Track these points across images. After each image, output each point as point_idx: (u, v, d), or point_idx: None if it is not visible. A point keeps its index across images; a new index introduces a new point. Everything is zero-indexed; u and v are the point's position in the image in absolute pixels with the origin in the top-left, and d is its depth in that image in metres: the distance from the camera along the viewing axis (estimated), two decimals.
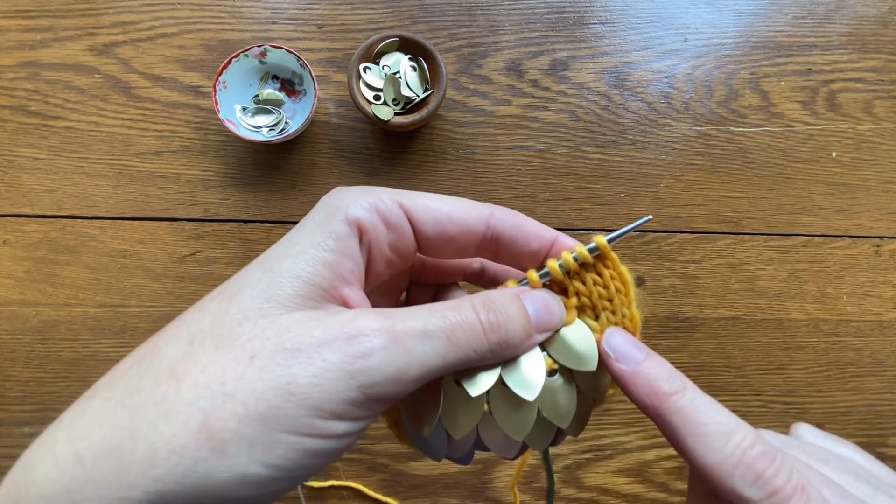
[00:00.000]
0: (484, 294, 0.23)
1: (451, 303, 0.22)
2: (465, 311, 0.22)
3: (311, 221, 0.23)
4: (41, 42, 0.59)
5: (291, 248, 0.22)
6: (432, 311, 0.21)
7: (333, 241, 0.22)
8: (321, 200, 0.24)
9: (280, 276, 0.21)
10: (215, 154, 0.59)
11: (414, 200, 0.24)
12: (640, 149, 0.60)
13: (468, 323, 0.21)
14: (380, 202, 0.23)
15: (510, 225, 0.25)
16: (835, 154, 0.61)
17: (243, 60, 0.56)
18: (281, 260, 0.22)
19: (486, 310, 0.22)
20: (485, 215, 0.25)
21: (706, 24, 0.61)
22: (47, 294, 0.58)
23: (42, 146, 0.59)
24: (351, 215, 0.23)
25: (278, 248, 0.23)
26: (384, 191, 0.24)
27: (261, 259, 0.23)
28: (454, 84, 0.60)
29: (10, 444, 0.57)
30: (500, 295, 0.23)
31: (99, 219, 0.58)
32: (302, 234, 0.23)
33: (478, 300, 0.22)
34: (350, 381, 0.19)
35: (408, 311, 0.21)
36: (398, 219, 0.24)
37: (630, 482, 0.59)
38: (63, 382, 0.57)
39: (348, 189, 0.24)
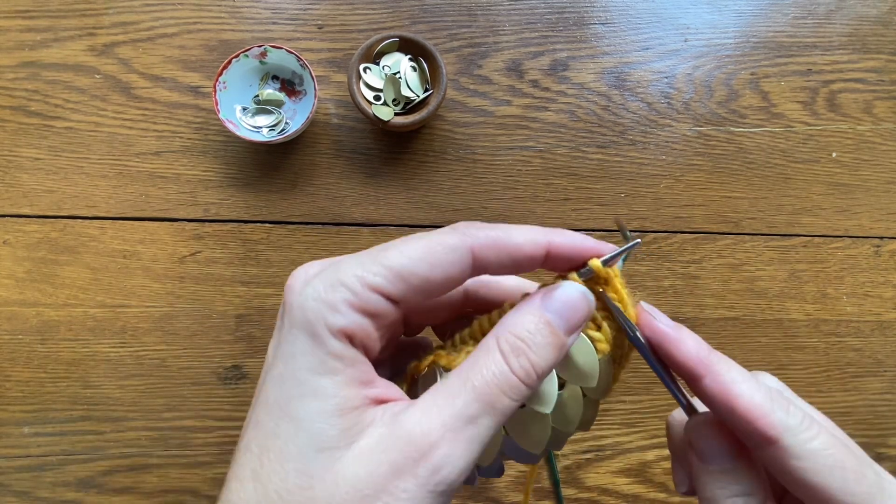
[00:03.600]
0: (504, 330, 0.21)
1: (480, 359, 0.21)
2: (497, 366, 0.21)
3: (296, 348, 0.21)
4: (41, 42, 0.59)
5: (300, 387, 0.20)
6: (467, 384, 0.20)
7: (337, 361, 0.20)
8: (287, 309, 0.22)
9: (315, 421, 0.20)
10: (215, 154, 0.59)
11: (380, 272, 0.21)
12: (640, 149, 0.60)
13: (506, 382, 0.20)
14: (351, 297, 0.20)
15: (493, 250, 0.22)
16: (835, 154, 0.61)
17: (243, 61, 0.56)
18: (301, 402, 0.20)
19: (517, 354, 0.21)
20: (464, 251, 0.22)
21: (706, 25, 0.61)
22: (47, 294, 0.58)
23: (42, 146, 0.59)
24: (334, 327, 0.20)
25: (284, 389, 0.21)
26: (346, 273, 0.21)
27: (274, 407, 0.21)
28: (454, 84, 0.60)
29: (10, 444, 0.57)
30: (521, 323, 0.22)
31: (99, 219, 0.58)
32: (300, 366, 0.20)
33: (504, 344, 0.21)
34: (433, 499, 0.19)
35: (445, 393, 0.20)
36: (377, 304, 0.21)
37: (630, 482, 0.59)
38: (63, 382, 0.57)
39: (306, 286, 0.21)
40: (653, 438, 0.59)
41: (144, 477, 0.57)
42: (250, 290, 0.58)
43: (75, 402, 0.57)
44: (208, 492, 0.57)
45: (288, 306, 0.22)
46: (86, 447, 0.57)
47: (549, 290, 0.23)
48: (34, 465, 0.57)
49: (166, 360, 0.58)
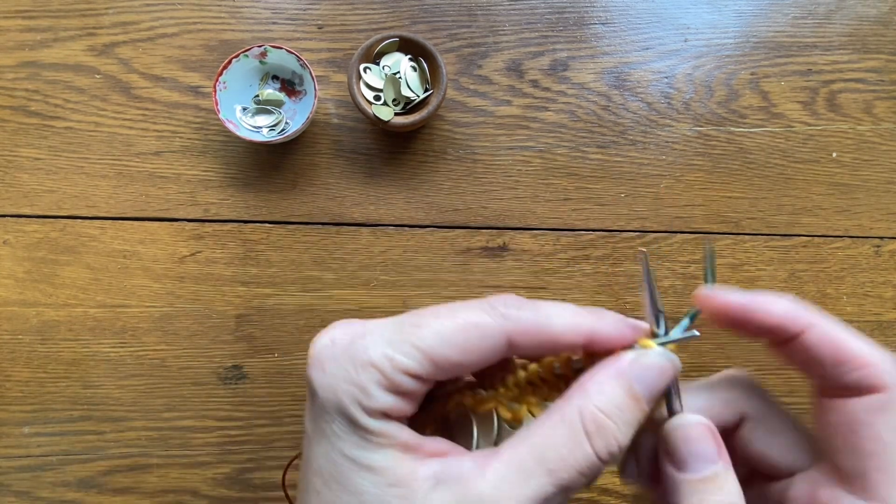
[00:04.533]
0: (589, 403, 0.20)
1: (558, 435, 0.19)
2: (580, 449, 0.19)
3: (336, 427, 0.20)
4: (41, 42, 0.59)
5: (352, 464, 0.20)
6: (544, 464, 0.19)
7: (381, 437, 0.20)
8: (316, 388, 0.21)
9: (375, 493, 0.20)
10: (215, 154, 0.59)
11: (410, 354, 0.20)
12: (640, 149, 0.60)
13: (587, 464, 0.19)
14: (382, 379, 0.20)
15: (530, 337, 0.21)
16: (835, 154, 0.61)
17: (243, 61, 0.56)
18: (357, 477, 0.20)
19: (602, 434, 0.19)
20: (500, 337, 0.21)
21: (706, 25, 0.61)
22: (47, 294, 0.58)
23: (42, 146, 0.59)
24: (370, 409, 0.20)
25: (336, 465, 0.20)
26: (376, 353, 0.20)
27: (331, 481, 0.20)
28: (454, 84, 0.60)
29: (10, 444, 0.57)
30: (607, 396, 0.20)
31: (99, 219, 0.58)
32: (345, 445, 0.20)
33: (590, 423, 0.19)
34: None
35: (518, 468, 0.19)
36: (408, 385, 0.20)
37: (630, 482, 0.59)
38: (63, 383, 0.57)
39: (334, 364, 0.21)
40: None
41: (144, 477, 0.57)
42: (250, 290, 0.58)
43: (75, 402, 0.57)
44: (208, 492, 0.57)
45: (317, 385, 0.21)
46: (86, 447, 0.57)
47: (636, 357, 0.21)
48: (34, 465, 0.57)
49: (166, 360, 0.58)
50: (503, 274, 0.59)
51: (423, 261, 0.59)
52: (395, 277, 0.58)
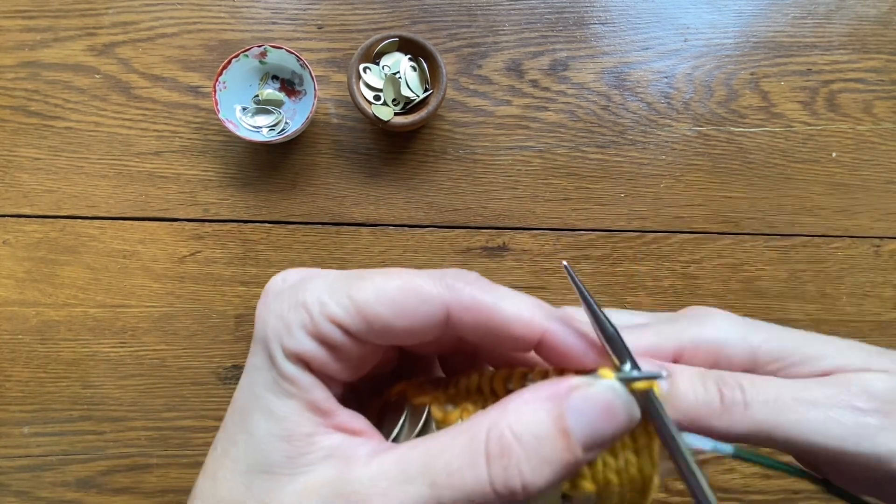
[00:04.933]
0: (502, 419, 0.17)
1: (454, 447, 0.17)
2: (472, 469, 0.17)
3: (257, 361, 0.20)
4: (41, 42, 0.59)
5: (256, 402, 0.19)
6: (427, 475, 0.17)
7: (290, 384, 0.19)
8: (256, 318, 0.21)
9: (263, 441, 0.19)
10: (215, 154, 0.59)
11: (343, 304, 0.19)
12: (640, 149, 0.60)
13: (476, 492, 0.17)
14: (308, 322, 0.19)
15: (473, 315, 0.19)
16: (835, 154, 0.61)
17: (243, 60, 0.56)
18: (256, 418, 0.19)
19: (504, 460, 0.17)
20: (438, 305, 0.19)
21: (706, 25, 0.61)
22: (47, 294, 0.58)
23: (42, 146, 0.59)
24: (288, 349, 0.19)
25: (245, 400, 0.20)
26: (311, 296, 0.19)
27: (237, 416, 0.20)
28: (454, 84, 0.60)
29: (10, 444, 0.57)
30: (525, 417, 0.17)
31: (99, 219, 0.58)
32: (258, 381, 0.20)
33: (493, 442, 0.17)
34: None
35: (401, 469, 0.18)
36: (333, 335, 0.19)
37: None
38: (63, 382, 0.57)
39: (275, 299, 0.20)
40: None
41: (144, 477, 0.57)
42: (250, 290, 0.58)
43: (75, 402, 0.57)
44: None
45: (257, 316, 0.21)
46: (85, 447, 0.57)
47: (581, 384, 0.18)
48: (34, 465, 0.57)
49: (166, 360, 0.58)
50: (503, 274, 0.58)
51: (423, 261, 0.59)
52: None
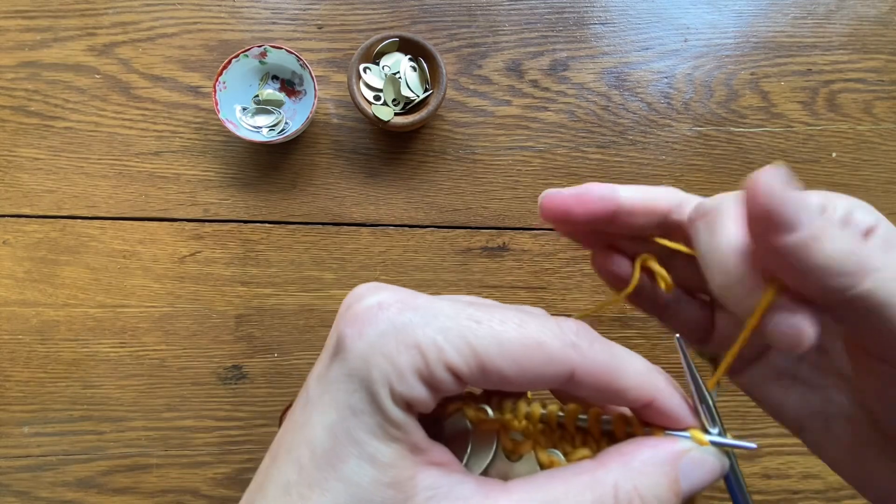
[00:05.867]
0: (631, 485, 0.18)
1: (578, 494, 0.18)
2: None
3: (354, 401, 0.18)
4: (41, 42, 0.59)
5: (356, 448, 0.18)
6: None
7: (397, 429, 0.18)
8: (345, 349, 0.18)
9: (368, 489, 0.18)
10: (215, 154, 0.59)
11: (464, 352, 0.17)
12: (640, 149, 0.60)
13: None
14: (424, 369, 0.17)
15: (595, 382, 0.19)
16: (835, 154, 0.61)
17: (243, 61, 0.56)
18: (357, 464, 0.18)
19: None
20: (565, 370, 0.18)
21: (706, 25, 0.61)
22: (47, 294, 0.58)
23: (42, 146, 0.59)
24: (398, 395, 0.17)
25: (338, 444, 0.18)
26: (426, 337, 0.18)
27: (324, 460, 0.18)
28: (454, 84, 0.60)
29: (10, 444, 0.57)
30: (652, 485, 0.18)
31: (99, 219, 0.58)
32: (358, 425, 0.18)
33: (623, 499, 0.17)
34: None
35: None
36: (447, 383, 0.18)
37: None
38: (63, 382, 0.57)
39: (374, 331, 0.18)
40: None
41: (144, 477, 0.57)
42: (250, 290, 0.58)
43: (75, 402, 0.57)
44: (208, 492, 0.57)
45: (349, 348, 0.18)
46: (86, 447, 0.57)
47: (691, 449, 0.19)
48: (34, 465, 0.57)
49: (166, 360, 0.58)
50: (503, 274, 0.59)
51: (423, 261, 0.59)
52: (395, 277, 0.58)
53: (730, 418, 0.59)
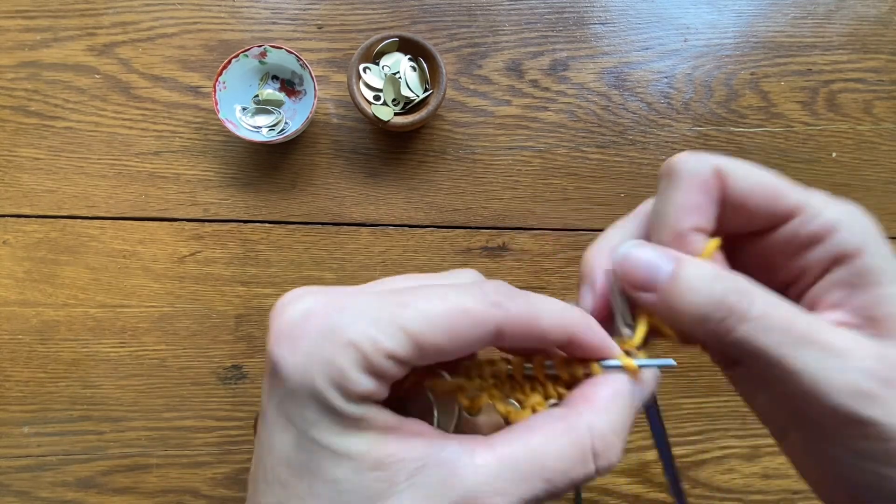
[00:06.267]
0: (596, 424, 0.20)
1: (566, 451, 0.19)
2: (584, 467, 0.19)
3: (308, 413, 0.18)
4: (41, 42, 0.59)
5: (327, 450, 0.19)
6: (542, 473, 0.19)
7: (359, 422, 0.18)
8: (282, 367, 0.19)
9: (354, 479, 0.18)
10: (215, 154, 0.59)
11: (396, 336, 0.18)
12: (640, 149, 0.60)
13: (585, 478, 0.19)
14: (364, 363, 0.18)
15: (519, 330, 0.20)
16: (835, 154, 0.61)
17: (243, 61, 0.56)
18: (333, 463, 0.19)
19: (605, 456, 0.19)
20: (490, 327, 0.19)
21: (706, 25, 0.61)
22: (47, 294, 0.58)
23: (42, 146, 0.59)
24: (351, 392, 0.18)
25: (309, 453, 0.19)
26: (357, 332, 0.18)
27: (302, 470, 0.19)
28: (454, 84, 0.60)
29: (10, 444, 0.57)
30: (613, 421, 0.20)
31: (99, 219, 0.58)
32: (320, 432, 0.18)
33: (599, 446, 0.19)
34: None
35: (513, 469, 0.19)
36: (390, 369, 0.19)
37: (630, 482, 0.59)
38: (63, 382, 0.57)
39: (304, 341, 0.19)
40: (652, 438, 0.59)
41: (144, 477, 0.57)
42: (250, 290, 0.58)
43: (75, 402, 0.57)
44: (208, 492, 0.57)
45: (284, 366, 0.18)
46: (86, 447, 0.57)
47: (639, 381, 0.21)
48: (34, 465, 0.57)
49: (166, 360, 0.58)
50: (503, 274, 0.58)
51: (423, 261, 0.59)
52: None
53: (730, 418, 0.59)
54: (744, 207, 0.22)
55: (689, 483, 0.58)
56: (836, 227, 0.21)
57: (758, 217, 0.22)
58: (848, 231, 0.21)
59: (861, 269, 0.21)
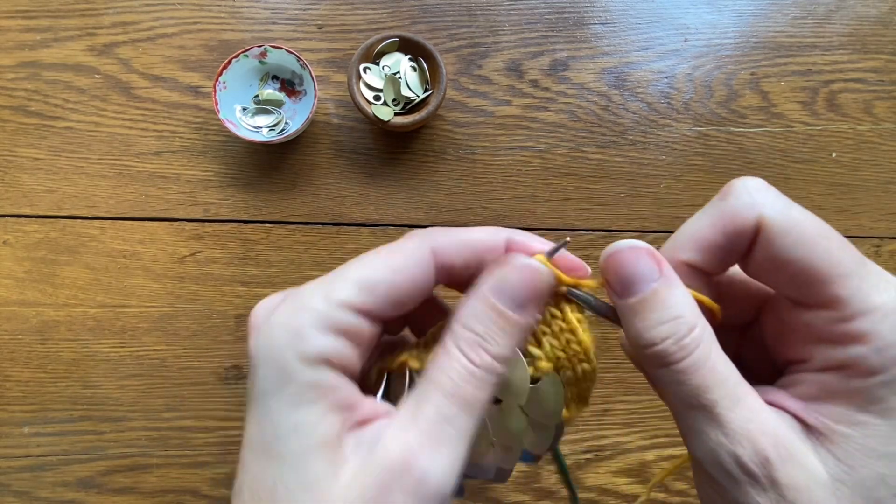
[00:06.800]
0: (457, 324, 0.21)
1: (440, 359, 0.21)
2: (458, 363, 0.20)
3: (268, 385, 0.20)
4: (41, 42, 0.59)
5: (279, 427, 0.19)
6: (435, 388, 0.20)
7: (313, 391, 0.19)
8: (252, 345, 0.20)
9: (300, 459, 0.19)
10: (215, 154, 0.59)
11: (345, 287, 0.20)
12: (640, 149, 0.60)
13: (470, 376, 0.20)
14: (319, 317, 0.20)
15: (454, 247, 0.22)
16: (835, 154, 0.61)
17: (243, 61, 0.56)
18: (283, 441, 0.19)
19: (473, 347, 0.20)
20: (425, 253, 0.22)
21: (706, 25, 0.61)
22: (47, 294, 0.58)
23: (42, 146, 0.59)
24: (305, 354, 0.19)
25: (264, 430, 0.20)
26: (310, 295, 0.20)
27: (258, 450, 0.20)
28: (454, 84, 0.60)
29: (10, 444, 0.57)
30: (470, 314, 0.21)
31: (99, 219, 0.58)
32: (274, 405, 0.20)
33: (460, 340, 0.21)
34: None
35: (417, 402, 0.20)
36: (348, 320, 0.20)
37: (630, 482, 0.59)
38: (63, 382, 0.57)
39: (269, 318, 0.20)
40: (653, 438, 0.59)
41: (144, 477, 0.57)
42: (250, 290, 0.58)
43: (75, 402, 0.57)
44: (208, 492, 0.57)
45: (253, 343, 0.20)
46: (85, 447, 0.57)
47: (492, 268, 0.22)
48: (34, 465, 0.57)
49: (166, 360, 0.58)
50: None
51: None
52: None
53: None
54: (776, 273, 0.21)
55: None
56: (866, 337, 0.19)
57: (789, 290, 0.21)
58: (876, 345, 0.19)
59: (860, 390, 0.19)
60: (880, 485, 0.19)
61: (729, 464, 0.19)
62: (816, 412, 0.20)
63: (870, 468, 0.19)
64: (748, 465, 0.19)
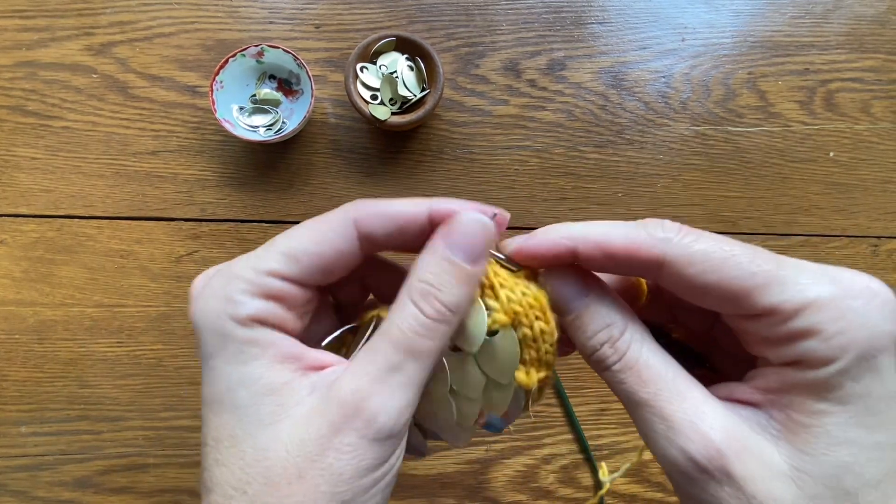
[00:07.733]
0: (413, 278, 0.22)
1: (394, 311, 0.22)
2: (410, 313, 0.21)
3: (210, 348, 0.22)
4: (38, 42, 0.59)
5: (227, 381, 0.21)
6: (386, 336, 0.21)
7: (253, 347, 0.21)
8: (193, 314, 0.23)
9: (251, 405, 0.21)
10: (212, 154, 0.59)
11: (271, 257, 0.22)
12: (637, 149, 0.60)
13: (420, 325, 0.21)
14: (248, 285, 0.22)
15: (375, 217, 0.23)
16: (832, 154, 0.61)
17: (240, 60, 0.56)
18: (233, 393, 0.21)
19: (426, 298, 0.22)
20: (347, 222, 0.23)
21: (704, 24, 0.61)
22: (44, 294, 0.58)
23: (39, 146, 0.59)
24: (239, 317, 0.21)
25: (215, 387, 0.22)
26: (239, 266, 0.22)
27: (213, 404, 0.22)
28: (451, 84, 0.60)
29: (7, 443, 0.57)
30: (424, 267, 0.22)
31: (96, 218, 0.58)
32: (219, 364, 0.22)
33: (413, 292, 0.22)
34: (376, 448, 0.21)
35: (370, 350, 0.22)
36: (276, 287, 0.22)
37: (628, 482, 0.59)
38: (60, 382, 0.57)
39: (204, 288, 0.23)
40: None
41: (141, 477, 0.57)
42: None
43: (72, 401, 0.57)
44: None
45: (192, 312, 0.23)
46: (83, 447, 0.57)
47: (445, 225, 0.23)
48: (31, 465, 0.57)
49: (163, 360, 0.58)
50: None
51: None
52: None
53: None
54: (704, 299, 0.21)
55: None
56: (810, 332, 0.19)
57: (724, 310, 0.22)
58: (822, 336, 0.19)
59: (816, 381, 0.20)
60: (847, 473, 0.19)
61: (680, 460, 0.20)
62: (778, 404, 0.21)
63: (833, 455, 0.19)
64: (698, 459, 0.20)
